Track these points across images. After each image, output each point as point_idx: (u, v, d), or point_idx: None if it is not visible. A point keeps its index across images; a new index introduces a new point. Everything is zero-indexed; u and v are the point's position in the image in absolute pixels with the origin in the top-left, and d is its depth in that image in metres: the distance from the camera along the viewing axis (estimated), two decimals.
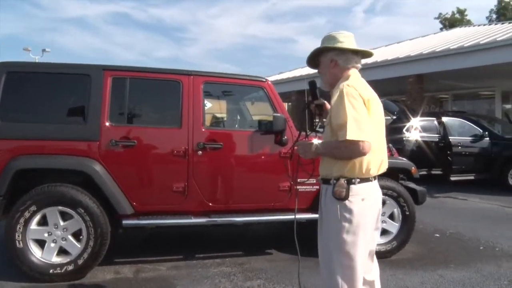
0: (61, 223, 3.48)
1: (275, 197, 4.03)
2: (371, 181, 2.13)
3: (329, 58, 2.24)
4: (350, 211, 2.06)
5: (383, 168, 2.20)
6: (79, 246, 3.49)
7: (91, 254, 3.47)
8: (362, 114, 1.99)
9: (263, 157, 4.00)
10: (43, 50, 28.26)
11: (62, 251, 3.51)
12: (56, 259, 3.47)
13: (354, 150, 1.98)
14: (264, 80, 4.10)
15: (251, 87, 4.20)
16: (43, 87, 3.70)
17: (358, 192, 2.07)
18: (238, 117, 5.03)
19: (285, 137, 3.92)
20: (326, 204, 2.16)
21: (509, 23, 14.69)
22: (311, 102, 2.47)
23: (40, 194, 3.40)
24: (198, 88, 3.89)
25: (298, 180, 4.01)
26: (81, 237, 3.50)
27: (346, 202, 2.06)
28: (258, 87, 4.11)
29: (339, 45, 2.20)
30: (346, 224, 2.06)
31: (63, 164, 3.53)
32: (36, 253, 3.42)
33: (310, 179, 3.97)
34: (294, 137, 4.02)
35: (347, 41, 2.22)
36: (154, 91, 3.98)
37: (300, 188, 4.02)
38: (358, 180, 2.07)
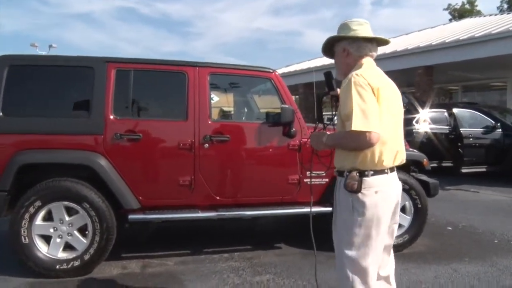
0: (67, 218, 3.43)
1: (284, 190, 3.95)
2: (387, 173, 2.04)
3: (341, 47, 2.18)
4: (363, 204, 1.99)
5: (399, 159, 2.10)
6: (85, 241, 3.44)
7: (97, 249, 3.42)
8: (369, 103, 1.91)
9: (271, 149, 3.92)
10: (50, 46, 28.18)
11: (68, 247, 3.47)
12: (62, 255, 3.43)
13: (360, 141, 1.91)
14: (272, 71, 4.01)
15: (258, 78, 4.10)
16: (46, 80, 3.63)
17: (371, 185, 2.00)
18: (245, 109, 4.95)
19: (294, 129, 3.83)
20: (339, 197, 2.12)
21: None
22: (327, 93, 2.42)
23: (45, 189, 3.35)
24: (204, 79, 3.81)
25: (307, 173, 3.99)
26: (87, 232, 3.45)
27: (359, 194, 1.99)
28: (265, 78, 4.02)
29: (351, 33, 2.13)
30: (359, 217, 2.01)
31: (67, 159, 3.48)
32: (41, 248, 3.38)
33: (320, 172, 3.95)
34: (302, 128, 3.94)
35: (360, 28, 2.14)
36: (159, 83, 3.89)
37: (309, 181, 3.95)
38: (371, 172, 2.00)
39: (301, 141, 3.92)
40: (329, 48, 2.28)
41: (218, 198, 3.80)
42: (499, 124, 8.68)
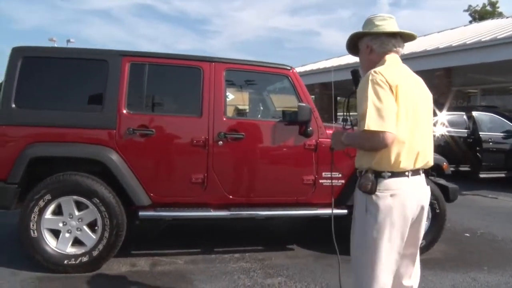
0: (76, 213, 3.38)
1: (298, 190, 3.86)
2: (407, 176, 1.90)
3: (365, 44, 2.09)
4: (376, 206, 1.89)
5: (422, 161, 1.96)
6: (94, 237, 3.39)
7: (106, 245, 3.36)
8: (386, 102, 1.80)
9: (286, 148, 3.82)
10: (68, 41, 28.48)
11: (77, 242, 3.42)
12: (70, 250, 3.38)
13: (374, 141, 1.82)
14: (289, 68, 3.90)
15: (276, 75, 4.00)
16: (59, 73, 3.58)
17: (387, 187, 1.88)
18: (261, 107, 4.85)
19: (310, 128, 3.73)
20: (356, 197, 2.03)
21: None
22: (354, 91, 2.33)
23: (55, 183, 3.31)
24: (220, 75, 3.72)
25: (323, 174, 3.89)
26: (96, 228, 3.40)
27: (373, 196, 1.89)
28: (282, 75, 3.92)
29: (374, 29, 2.03)
30: (371, 220, 1.91)
31: (78, 153, 3.42)
32: (50, 243, 3.34)
33: (334, 173, 3.84)
34: (319, 128, 3.84)
35: (384, 23, 2.03)
36: (174, 78, 3.82)
37: (324, 182, 3.86)
38: (388, 174, 1.88)
39: (317, 141, 3.82)
40: (353, 45, 2.18)
41: (231, 197, 3.71)
42: None
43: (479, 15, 34.79)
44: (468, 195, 7.67)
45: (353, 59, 14.66)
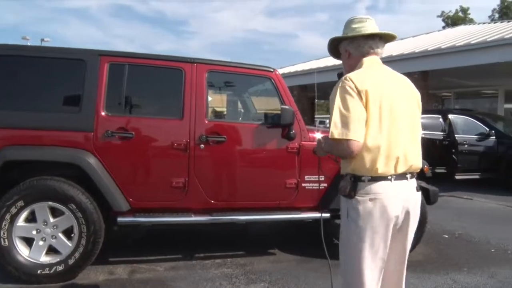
0: (51, 219, 3.24)
1: (281, 194, 3.81)
2: (389, 180, 1.85)
3: (343, 49, 2.08)
4: (356, 211, 1.86)
5: (405, 166, 1.88)
6: (70, 244, 3.25)
7: (83, 253, 3.23)
8: (352, 110, 1.79)
9: (269, 152, 3.77)
10: (42, 40, 27.73)
11: (51, 250, 3.27)
12: (44, 259, 3.23)
13: (339, 149, 1.84)
14: (272, 70, 3.86)
15: (258, 77, 3.94)
16: (34, 73, 3.44)
17: (367, 191, 1.85)
18: (243, 109, 4.78)
19: (293, 131, 3.69)
20: (340, 202, 2.01)
21: None
22: None
23: (29, 188, 3.16)
24: (202, 77, 3.64)
25: (305, 177, 3.86)
26: (72, 235, 3.26)
27: (353, 201, 1.87)
28: (265, 77, 3.86)
29: (350, 33, 2.01)
30: (352, 225, 1.89)
31: (54, 156, 3.28)
32: (23, 252, 3.19)
33: (316, 176, 3.82)
34: (302, 131, 3.80)
35: (360, 25, 2.00)
36: (155, 79, 3.72)
37: (307, 185, 3.83)
38: (368, 177, 1.84)
39: (300, 144, 3.78)
40: (334, 49, 2.16)
41: (212, 201, 3.64)
42: (493, 131, 8.65)
43: (451, 21, 35.81)
44: (445, 196, 7.78)
45: (332, 61, 14.79)
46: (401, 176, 1.89)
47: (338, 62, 2.22)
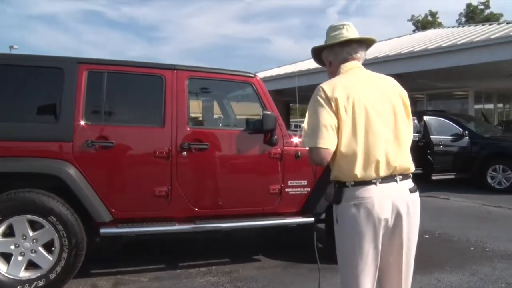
0: (30, 233, 3.13)
1: (265, 200, 3.80)
2: (374, 183, 1.83)
3: (324, 58, 2.10)
4: (342, 216, 1.88)
5: (388, 169, 1.85)
6: (51, 258, 3.15)
7: (64, 267, 3.14)
8: (321, 118, 1.81)
9: (251, 158, 3.76)
10: (11, 47, 26.95)
11: (31, 265, 3.16)
12: (24, 274, 3.12)
13: (311, 157, 1.87)
14: (253, 75, 3.85)
15: (239, 83, 3.93)
16: (10, 81, 3.32)
17: (351, 196, 1.85)
18: (225, 115, 4.75)
19: (275, 136, 3.69)
20: (333, 207, 2.01)
21: (482, 25, 14.99)
22: None
23: (6, 202, 3.05)
24: (183, 83, 3.60)
25: (289, 182, 3.87)
26: (53, 248, 3.16)
27: (339, 206, 1.89)
28: (246, 83, 3.85)
29: (328, 42, 2.05)
30: (340, 231, 1.91)
31: (32, 168, 3.18)
32: (0, 268, 3.07)
33: (299, 181, 3.84)
34: (284, 136, 3.81)
35: (337, 33, 2.01)
36: (135, 86, 3.66)
37: (290, 190, 3.83)
38: (352, 183, 1.84)
39: (282, 149, 3.78)
40: (319, 59, 2.18)
41: (196, 209, 3.59)
42: (466, 132, 8.88)
43: (421, 24, 36.79)
44: (423, 196, 7.88)
45: (305, 66, 14.94)
46: (389, 179, 1.87)
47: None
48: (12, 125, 3.21)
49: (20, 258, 3.12)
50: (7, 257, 3.12)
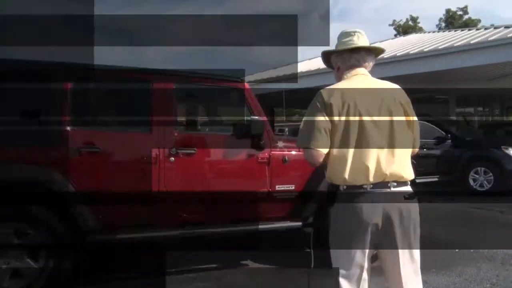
0: (15, 241, 3.06)
1: (253, 205, 3.80)
2: (365, 189, 1.87)
3: (333, 62, 2.16)
4: (334, 217, 1.97)
5: (379, 176, 1.87)
6: (36, 267, 3.08)
7: (50, 276, 3.08)
8: (316, 121, 1.90)
9: (239, 162, 3.76)
10: None
11: (16, 274, 3.08)
12: (8, 284, 3.04)
13: (305, 157, 1.98)
14: (241, 80, 3.86)
15: (227, 88, 3.93)
16: None
17: (343, 200, 1.93)
18: (212, 120, 4.74)
19: (263, 141, 3.70)
20: None
21: (462, 30, 15.30)
22: None
23: None
24: (170, 88, 3.58)
25: (276, 187, 3.87)
26: (39, 256, 3.09)
27: (332, 208, 1.96)
28: (234, 88, 3.86)
29: (337, 47, 2.10)
30: (331, 231, 1.98)
31: (17, 174, 3.11)
32: None
33: (287, 186, 3.85)
34: (271, 141, 3.81)
35: (348, 39, 2.07)
36: (122, 92, 3.63)
37: (278, 195, 3.83)
38: (344, 186, 1.90)
39: (270, 154, 3.79)
40: (328, 63, 2.24)
41: (184, 215, 3.57)
42: (449, 135, 9.02)
43: (402, 29, 37.37)
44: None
45: (289, 70, 15.00)
46: (381, 185, 1.89)
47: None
48: None
49: (4, 267, 3.04)
50: None
